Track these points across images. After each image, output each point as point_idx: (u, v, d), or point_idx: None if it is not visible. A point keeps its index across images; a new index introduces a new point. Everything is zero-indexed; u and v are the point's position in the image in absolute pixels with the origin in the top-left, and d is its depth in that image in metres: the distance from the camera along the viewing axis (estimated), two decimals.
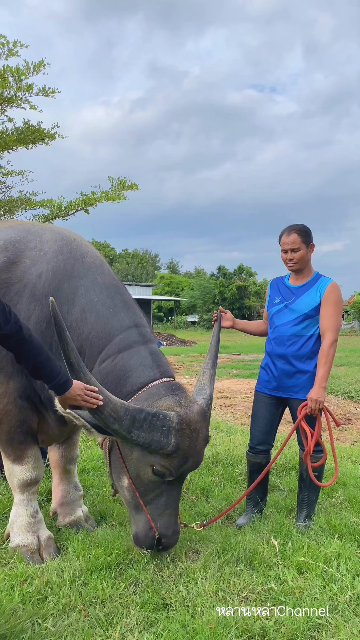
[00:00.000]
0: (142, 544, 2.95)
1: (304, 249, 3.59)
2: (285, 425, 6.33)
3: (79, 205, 8.14)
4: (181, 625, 2.43)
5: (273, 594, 2.72)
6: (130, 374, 2.97)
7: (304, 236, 3.60)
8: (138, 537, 2.96)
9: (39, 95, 7.35)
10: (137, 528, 2.97)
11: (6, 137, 7.31)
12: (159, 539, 2.91)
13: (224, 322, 3.89)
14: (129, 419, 2.67)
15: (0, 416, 3.11)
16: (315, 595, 2.69)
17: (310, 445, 3.46)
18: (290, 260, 3.64)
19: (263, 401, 3.80)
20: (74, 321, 3.08)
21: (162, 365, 3.07)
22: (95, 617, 2.53)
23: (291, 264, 3.66)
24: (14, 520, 3.26)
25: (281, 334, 3.68)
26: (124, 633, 2.43)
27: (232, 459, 4.96)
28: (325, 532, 3.42)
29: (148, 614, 2.56)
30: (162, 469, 2.80)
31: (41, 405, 3.18)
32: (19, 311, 3.07)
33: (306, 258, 3.63)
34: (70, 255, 3.26)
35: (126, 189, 8.07)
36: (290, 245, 3.60)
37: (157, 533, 2.88)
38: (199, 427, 2.87)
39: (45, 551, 3.18)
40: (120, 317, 3.13)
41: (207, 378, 3.31)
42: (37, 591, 2.73)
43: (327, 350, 3.49)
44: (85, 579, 2.85)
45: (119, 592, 2.75)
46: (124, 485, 2.97)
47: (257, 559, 3.03)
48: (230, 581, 2.85)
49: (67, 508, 3.64)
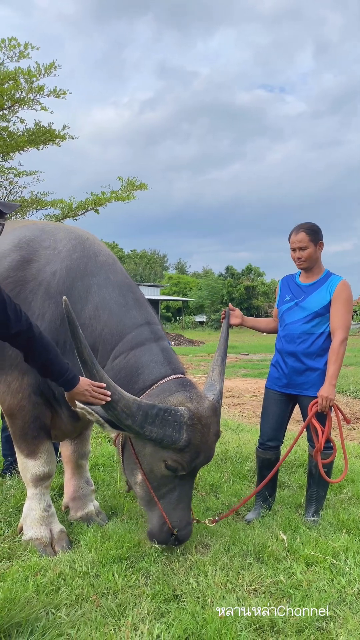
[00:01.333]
0: (156, 539, 3.01)
1: (312, 247, 3.63)
2: (293, 425, 6.36)
3: (89, 205, 8.22)
4: (192, 616, 2.48)
5: (282, 587, 2.76)
6: (142, 371, 3.03)
7: (311, 234, 3.64)
8: (153, 532, 3.02)
9: (50, 97, 7.43)
10: (152, 523, 3.02)
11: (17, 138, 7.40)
12: (173, 533, 2.95)
13: (232, 320, 3.94)
14: (142, 415, 2.73)
15: (14, 412, 3.17)
16: (323, 588, 2.73)
17: (321, 442, 3.50)
18: (298, 258, 3.67)
19: (273, 398, 3.84)
20: (87, 319, 3.14)
21: (173, 362, 3.12)
22: (107, 608, 2.59)
23: (300, 262, 3.69)
24: (27, 513, 3.32)
25: (291, 331, 3.71)
26: (135, 623, 2.48)
27: (241, 456, 5.00)
28: (333, 527, 3.45)
29: (159, 605, 2.62)
30: (174, 464, 2.84)
31: (55, 401, 3.24)
32: (34, 309, 3.13)
33: (314, 256, 3.67)
34: (84, 254, 3.31)
35: (136, 189, 8.14)
36: (298, 243, 3.64)
37: (171, 527, 2.93)
38: (210, 422, 2.92)
39: (57, 544, 3.23)
40: (132, 315, 3.18)
41: (216, 374, 3.36)
42: (51, 582, 2.79)
43: (337, 348, 3.52)
44: (97, 571, 2.91)
45: (131, 583, 2.80)
46: (137, 481, 3.02)
47: (266, 552, 3.08)
48: (240, 574, 2.89)
49: (79, 502, 3.70)
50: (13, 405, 3.18)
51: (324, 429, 3.51)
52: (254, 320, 4.14)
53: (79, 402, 2.79)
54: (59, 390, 3.18)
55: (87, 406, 2.79)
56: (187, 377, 3.13)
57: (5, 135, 7.44)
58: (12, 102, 6.92)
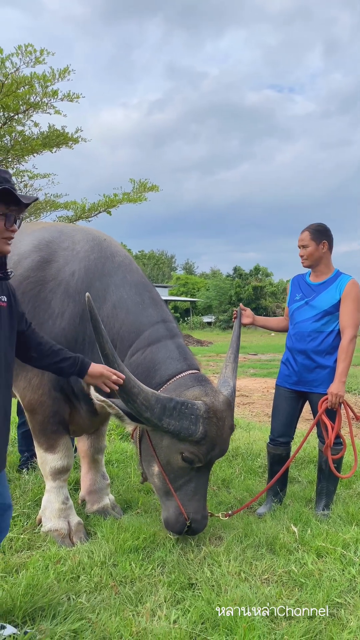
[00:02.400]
0: (172, 529, 3.10)
1: (313, 245, 3.73)
2: (302, 423, 6.44)
3: (102, 207, 8.35)
4: (207, 602, 2.58)
5: (294, 576, 2.86)
6: (159, 366, 3.13)
7: (314, 233, 3.74)
8: (168, 522, 3.11)
9: (64, 101, 7.56)
10: (168, 513, 3.11)
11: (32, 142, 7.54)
12: (188, 524, 3.05)
13: (244, 319, 4.03)
14: (160, 407, 2.83)
15: (35, 407, 3.29)
16: (334, 577, 2.82)
17: (330, 438, 3.58)
18: (301, 256, 3.81)
19: (284, 395, 3.93)
20: (105, 317, 3.24)
21: (188, 358, 3.22)
22: (125, 595, 2.69)
23: (302, 260, 3.83)
24: (46, 506, 3.43)
25: (301, 330, 3.80)
26: (153, 609, 2.58)
27: (252, 453, 5.10)
28: (343, 520, 3.54)
29: (175, 592, 2.72)
30: (191, 456, 2.94)
31: (74, 397, 3.35)
32: (53, 307, 3.25)
33: (316, 255, 3.76)
34: (101, 254, 3.42)
35: (147, 191, 8.26)
36: (301, 242, 3.79)
37: (187, 518, 3.03)
38: (225, 415, 3.02)
39: (75, 535, 3.34)
40: (148, 313, 3.28)
41: (229, 371, 3.46)
42: (70, 571, 2.90)
43: (346, 346, 3.61)
44: (114, 560, 3.01)
45: (147, 572, 2.91)
46: (154, 473, 3.12)
47: (278, 544, 3.17)
48: (253, 564, 2.99)
49: (95, 496, 3.81)
50: (33, 401, 3.29)
51: (333, 425, 3.60)
52: (264, 319, 4.24)
53: (99, 395, 2.89)
54: (77, 386, 3.29)
55: (108, 399, 2.89)
56: (202, 373, 3.23)
57: (20, 139, 7.61)
58: (27, 106, 7.06)
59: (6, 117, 7.34)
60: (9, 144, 7.43)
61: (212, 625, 2.43)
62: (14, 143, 7.44)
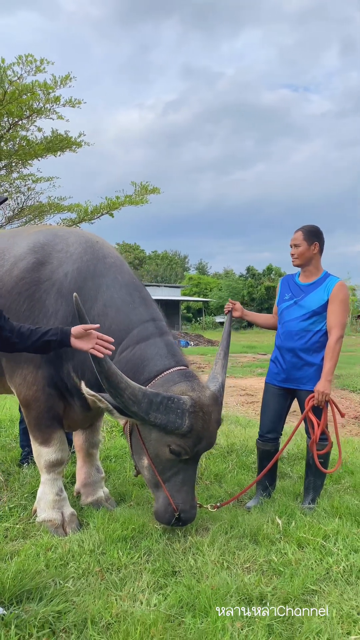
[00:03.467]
0: (161, 519, 3.22)
1: (304, 245, 3.83)
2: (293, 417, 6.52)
3: (104, 209, 8.52)
4: (187, 588, 2.70)
5: (273, 565, 2.97)
6: (148, 363, 3.25)
7: (307, 234, 3.84)
8: (158, 513, 3.23)
9: (66, 106, 7.76)
10: (157, 504, 3.23)
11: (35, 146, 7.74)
12: (177, 514, 3.16)
13: (233, 313, 4.15)
14: (147, 402, 2.95)
15: (30, 402, 3.44)
16: (311, 566, 2.93)
17: (316, 434, 3.69)
18: (292, 255, 3.91)
19: (272, 392, 4.04)
20: (96, 315, 3.38)
21: (177, 355, 3.34)
22: (110, 581, 2.82)
23: (293, 259, 3.93)
24: (41, 497, 3.57)
25: (290, 328, 3.91)
26: (135, 594, 2.71)
27: (246, 449, 5.21)
28: (327, 513, 3.64)
29: (158, 579, 2.84)
30: (178, 448, 3.05)
31: (67, 393, 3.49)
32: (47, 307, 3.40)
33: (307, 255, 3.86)
34: (94, 256, 3.56)
35: (149, 193, 8.41)
36: (293, 241, 3.90)
37: (175, 509, 3.14)
38: (211, 410, 3.13)
39: (68, 526, 3.48)
40: (138, 312, 3.41)
41: (219, 367, 3.57)
42: (60, 558, 3.03)
43: (333, 345, 3.71)
44: (103, 549, 3.15)
45: (133, 560, 3.04)
46: (144, 465, 3.24)
47: (261, 534, 3.28)
48: (235, 553, 3.11)
49: (89, 489, 3.95)
50: (28, 397, 3.44)
51: (319, 422, 3.70)
52: (253, 314, 4.36)
53: (90, 390, 3.03)
54: (71, 382, 3.43)
55: (97, 393, 3.02)
56: (190, 369, 3.35)
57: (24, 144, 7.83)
58: (30, 112, 7.28)
59: (10, 123, 7.58)
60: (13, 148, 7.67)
61: (189, 608, 2.56)
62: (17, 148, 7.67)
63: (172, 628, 2.40)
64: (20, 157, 7.71)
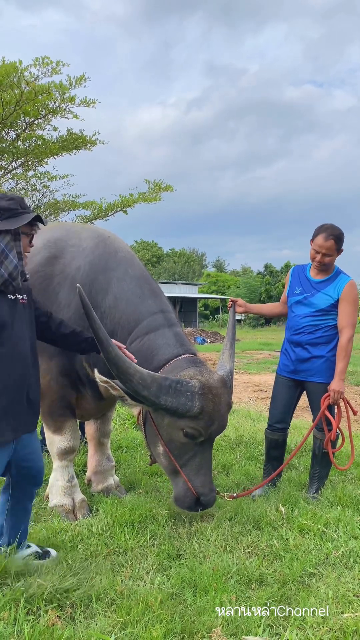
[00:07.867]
0: (182, 504, 3.25)
1: (335, 254, 3.85)
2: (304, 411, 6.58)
3: (118, 207, 8.66)
4: (189, 569, 2.81)
5: (274, 550, 3.06)
6: (157, 352, 3.35)
7: (339, 244, 3.82)
8: (178, 498, 3.27)
9: (81, 106, 7.93)
10: (177, 490, 3.28)
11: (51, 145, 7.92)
12: (197, 499, 3.21)
13: (237, 308, 4.24)
14: (157, 386, 3.01)
15: (43, 391, 3.56)
16: (311, 551, 3.02)
17: (333, 433, 3.77)
18: (320, 262, 3.85)
19: (282, 383, 4.12)
20: (108, 307, 3.50)
21: (185, 344, 3.44)
22: (117, 562, 2.95)
23: (321, 266, 3.88)
24: (53, 483, 3.72)
25: (298, 323, 3.98)
26: (141, 575, 2.83)
27: (255, 441, 5.31)
28: (330, 502, 3.71)
29: (162, 561, 2.96)
30: (192, 431, 3.11)
31: (80, 383, 3.62)
32: (60, 299, 3.53)
33: (334, 262, 3.92)
34: (105, 250, 3.68)
35: (162, 191, 8.53)
36: (325, 250, 3.79)
37: (195, 493, 3.18)
38: (221, 392, 3.19)
39: (79, 511, 3.62)
40: (147, 304, 3.52)
41: (227, 357, 3.66)
42: (70, 540, 3.17)
43: (345, 345, 3.77)
44: (111, 533, 3.27)
45: (140, 543, 3.16)
46: (159, 452, 3.31)
47: (264, 521, 3.38)
48: (238, 539, 3.21)
49: (100, 476, 4.09)
50: (42, 386, 3.56)
51: (334, 421, 3.78)
52: (258, 306, 4.43)
53: (102, 377, 3.13)
54: (83, 372, 3.56)
55: (110, 380, 3.10)
56: (198, 357, 3.44)
57: (40, 143, 8.03)
58: (46, 111, 7.47)
59: (27, 122, 7.78)
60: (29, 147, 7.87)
61: (190, 588, 2.67)
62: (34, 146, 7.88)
63: (173, 605, 2.51)
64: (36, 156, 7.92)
